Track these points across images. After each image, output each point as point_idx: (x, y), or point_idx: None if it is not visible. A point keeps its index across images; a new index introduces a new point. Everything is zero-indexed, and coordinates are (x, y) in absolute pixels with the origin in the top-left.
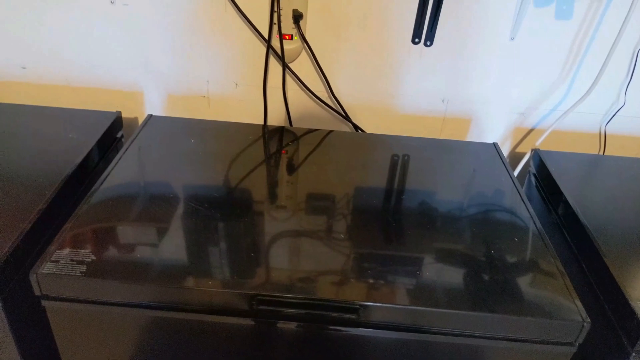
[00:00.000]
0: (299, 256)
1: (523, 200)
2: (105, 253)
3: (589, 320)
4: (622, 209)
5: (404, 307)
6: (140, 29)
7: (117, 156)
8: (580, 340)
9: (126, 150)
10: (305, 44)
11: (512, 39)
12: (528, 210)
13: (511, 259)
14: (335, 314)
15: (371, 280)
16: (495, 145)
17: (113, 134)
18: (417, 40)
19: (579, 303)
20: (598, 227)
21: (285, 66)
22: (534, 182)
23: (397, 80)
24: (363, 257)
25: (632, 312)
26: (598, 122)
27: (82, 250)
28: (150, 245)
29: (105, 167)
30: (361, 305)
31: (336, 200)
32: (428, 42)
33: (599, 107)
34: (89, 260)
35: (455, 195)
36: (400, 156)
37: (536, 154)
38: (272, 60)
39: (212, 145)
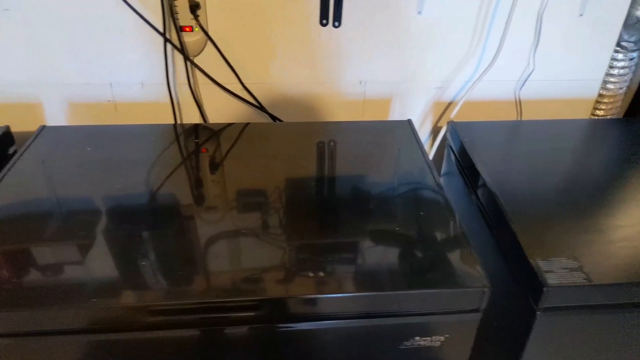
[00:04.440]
0: (239, 257)
1: (432, 175)
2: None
3: (490, 285)
4: (533, 174)
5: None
6: (31, 35)
7: (1, 174)
8: (483, 306)
9: (12, 166)
10: (206, 35)
11: (420, 12)
12: (436, 183)
13: (417, 234)
14: (285, 311)
15: (312, 274)
16: (409, 122)
17: (1, 151)
18: (324, 21)
19: (480, 270)
20: (507, 193)
21: (187, 60)
22: (451, 155)
23: (310, 65)
24: (300, 249)
25: (534, 272)
26: (512, 89)
27: None
28: (63, 265)
29: None
30: (307, 299)
31: (267, 194)
32: (336, 23)
33: (512, 74)
34: None
35: (372, 176)
36: (325, 142)
37: (451, 127)
38: (179, 55)
39: (117, 151)
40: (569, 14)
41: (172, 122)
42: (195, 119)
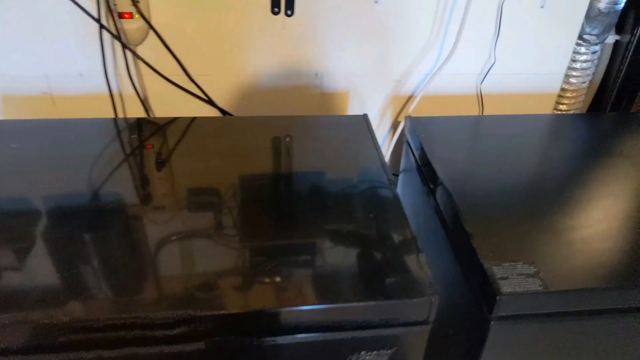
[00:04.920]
0: (192, 262)
1: (385, 174)
2: None
3: (439, 295)
4: (492, 172)
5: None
6: None
7: None
8: (432, 317)
9: None
10: (147, 23)
11: (376, 2)
12: (389, 183)
13: (363, 239)
14: (217, 326)
15: (242, 284)
16: (365, 117)
17: None
18: (276, 10)
19: (429, 278)
20: (463, 193)
21: (126, 48)
22: (409, 151)
23: (262, 56)
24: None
25: (488, 279)
26: (474, 83)
27: None
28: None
29: None
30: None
31: (221, 193)
32: (289, 12)
33: (473, 67)
34: None
35: (323, 175)
36: (278, 138)
37: (408, 122)
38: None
39: (52, 148)
40: (529, 5)
41: (113, 115)
42: (140, 112)
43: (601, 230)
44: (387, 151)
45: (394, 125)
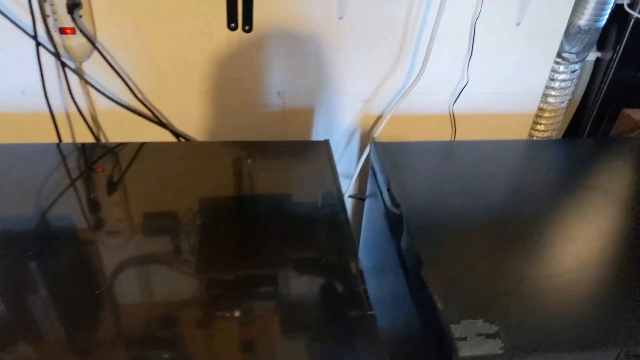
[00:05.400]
0: (148, 293)
1: (341, 205)
2: None
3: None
4: (457, 206)
5: None
6: None
7: None
8: None
9: None
10: (87, 38)
11: (341, 18)
12: (343, 217)
13: (314, 281)
14: None
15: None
16: (326, 142)
17: None
18: (233, 25)
19: (378, 340)
20: (424, 230)
21: (64, 66)
22: (373, 176)
23: (218, 74)
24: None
25: (445, 337)
26: (447, 103)
27: None
28: None
29: None
30: None
31: (174, 217)
32: (246, 27)
33: (445, 87)
34: None
35: (277, 209)
36: (233, 166)
37: (373, 147)
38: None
39: None
40: (504, 22)
41: (56, 136)
42: (87, 134)
43: (572, 279)
44: (354, 174)
45: (362, 147)
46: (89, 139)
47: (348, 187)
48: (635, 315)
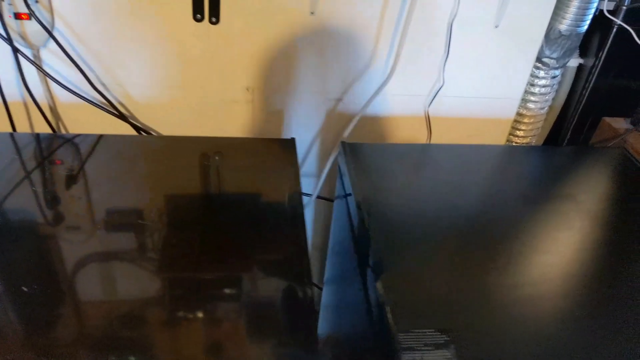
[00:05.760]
0: (111, 290)
1: (300, 205)
2: None
3: None
4: (420, 212)
5: None
6: None
7: None
8: None
9: None
10: (41, 25)
11: (312, 13)
12: (299, 217)
13: (260, 279)
14: None
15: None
16: (292, 140)
17: None
18: (199, 16)
19: (315, 335)
20: (383, 234)
21: (16, 53)
22: (340, 177)
23: (183, 67)
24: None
25: (390, 347)
26: (422, 105)
27: None
28: None
29: None
30: None
31: (139, 214)
32: (213, 19)
33: (421, 89)
34: None
35: (234, 208)
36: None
37: (342, 147)
38: (21, 47)
39: None
40: (482, 24)
41: (9, 126)
42: (46, 126)
43: (535, 293)
44: (322, 174)
45: (332, 147)
46: (47, 130)
47: (316, 187)
48: (592, 335)
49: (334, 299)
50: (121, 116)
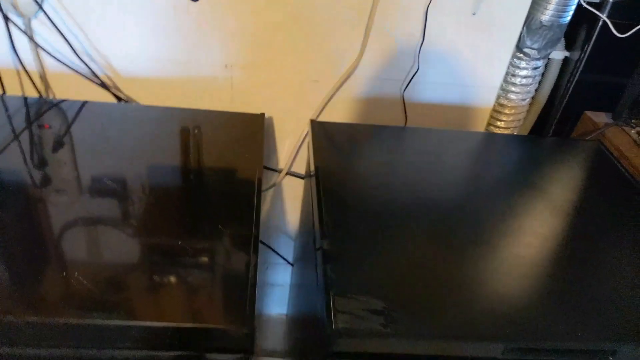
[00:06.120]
0: (96, 254)
1: (256, 184)
2: None
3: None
4: (381, 190)
5: None
6: None
7: None
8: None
9: None
10: None
11: None
12: (255, 192)
13: (211, 248)
14: None
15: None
16: (262, 115)
17: None
18: None
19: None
20: (339, 206)
21: (8, 20)
22: (309, 156)
23: (164, 41)
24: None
25: (327, 310)
26: (398, 89)
27: None
28: None
29: None
30: None
31: (127, 182)
32: None
33: (396, 73)
34: None
35: (196, 180)
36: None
37: (312, 126)
38: (13, 16)
39: None
40: (458, 11)
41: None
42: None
43: (492, 279)
44: (293, 152)
45: (304, 127)
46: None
47: (288, 164)
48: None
49: (299, 277)
50: (104, 86)
